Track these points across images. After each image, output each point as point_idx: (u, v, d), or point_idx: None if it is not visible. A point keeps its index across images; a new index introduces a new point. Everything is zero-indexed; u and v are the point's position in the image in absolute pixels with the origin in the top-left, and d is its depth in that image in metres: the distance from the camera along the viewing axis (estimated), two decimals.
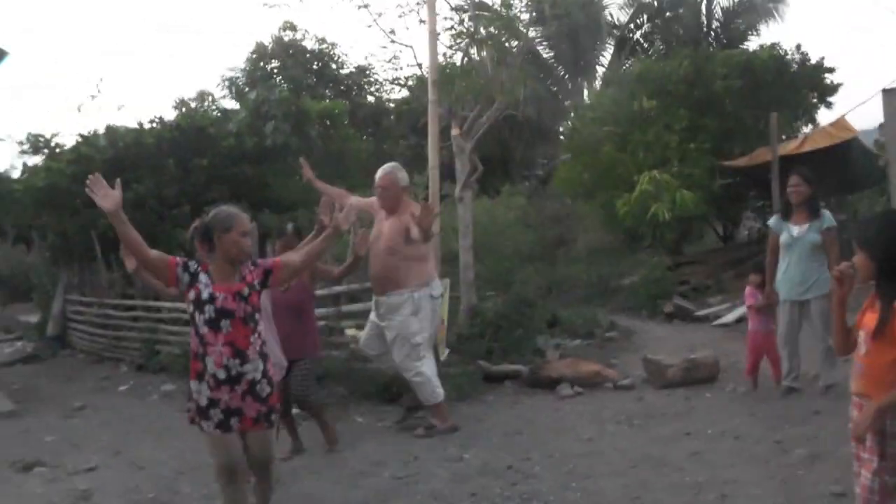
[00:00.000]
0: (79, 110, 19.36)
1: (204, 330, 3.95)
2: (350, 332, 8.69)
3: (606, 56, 23.48)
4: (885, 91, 11.69)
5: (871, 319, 3.09)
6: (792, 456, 5.20)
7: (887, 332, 2.99)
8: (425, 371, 6.53)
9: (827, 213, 6.85)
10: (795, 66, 17.05)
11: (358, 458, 6.07)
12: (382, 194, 6.54)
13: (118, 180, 3.87)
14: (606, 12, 22.86)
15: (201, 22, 66.51)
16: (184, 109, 17.03)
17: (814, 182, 6.77)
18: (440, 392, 6.62)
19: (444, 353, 8.00)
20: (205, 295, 3.95)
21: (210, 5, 63.08)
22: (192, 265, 4.02)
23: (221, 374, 3.94)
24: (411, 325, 6.47)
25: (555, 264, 15.51)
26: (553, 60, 23.14)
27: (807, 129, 17.47)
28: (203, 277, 3.99)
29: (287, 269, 4.25)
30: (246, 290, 4.02)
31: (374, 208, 6.72)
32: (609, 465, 5.41)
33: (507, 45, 10.55)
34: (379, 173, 6.61)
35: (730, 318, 11.20)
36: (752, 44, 20.68)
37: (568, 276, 14.69)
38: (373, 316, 6.78)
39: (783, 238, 6.76)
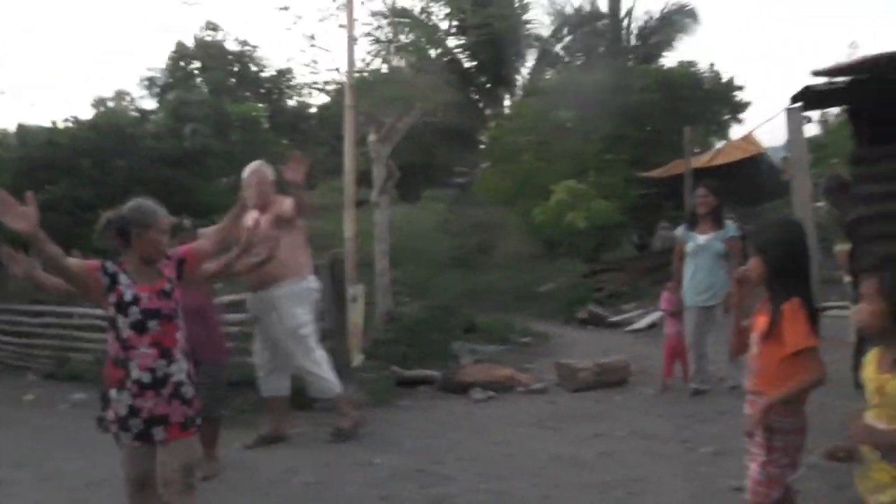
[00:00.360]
0: None
1: (128, 333, 3.70)
2: None
3: (528, 66, 23.83)
4: (788, 110, 12.27)
5: (762, 322, 3.20)
6: (697, 454, 5.37)
7: (775, 333, 3.10)
8: (319, 364, 6.38)
9: (730, 223, 7.17)
10: (708, 83, 17.65)
11: (269, 466, 5.97)
12: (254, 191, 6.19)
13: (29, 193, 3.45)
14: (528, 25, 23.19)
15: (120, 19, 64.94)
16: (101, 108, 16.65)
17: (719, 193, 7.09)
18: (336, 384, 6.46)
19: (360, 359, 7.96)
20: (128, 296, 3.71)
21: (128, 3, 61.67)
22: (110, 266, 3.75)
23: (146, 378, 3.69)
24: (296, 318, 6.24)
25: (475, 271, 15.59)
26: (475, 69, 23.34)
27: (720, 144, 18.07)
28: (123, 278, 3.74)
29: (199, 256, 4.09)
30: (168, 286, 3.83)
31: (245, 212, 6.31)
32: (520, 466, 5.44)
33: (427, 52, 10.60)
34: (247, 172, 6.37)
35: (642, 323, 11.45)
36: (668, 60, 21.30)
37: (488, 282, 14.77)
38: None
39: (689, 246, 7.01)
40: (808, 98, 4.57)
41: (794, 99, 4.60)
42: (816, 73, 4.80)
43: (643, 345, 10.02)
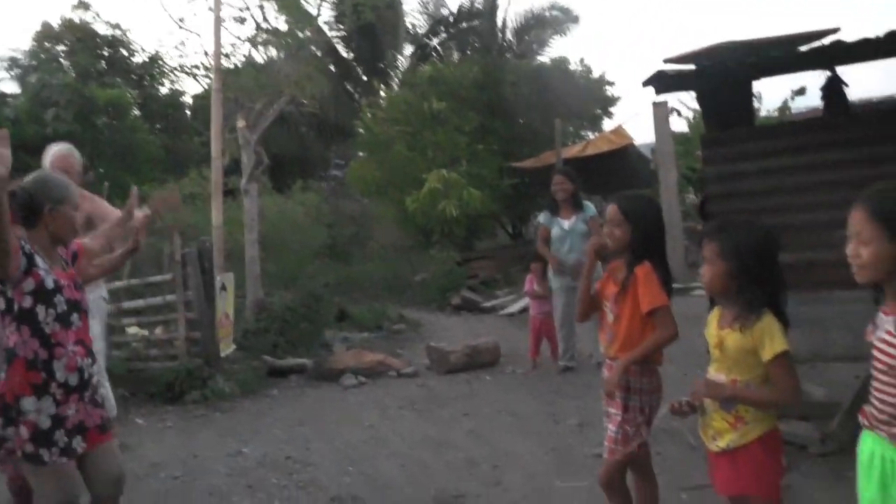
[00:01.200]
0: None
1: (54, 328, 3.10)
2: (132, 330, 8.25)
3: (405, 60, 23.82)
4: (654, 104, 12.86)
5: (613, 287, 3.34)
6: (563, 426, 5.53)
7: (630, 295, 3.22)
8: (107, 384, 5.47)
9: (589, 204, 7.41)
10: (580, 77, 18.16)
11: (136, 462, 5.74)
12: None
13: (5, 131, 2.78)
14: (405, 19, 23.19)
15: None
16: None
17: (576, 180, 7.31)
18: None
19: (230, 349, 7.78)
20: (49, 283, 3.12)
21: None
22: (26, 245, 3.08)
23: (74, 380, 3.14)
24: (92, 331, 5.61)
25: (349, 261, 15.48)
26: (353, 61, 23.18)
27: (592, 136, 18.62)
28: (40, 261, 3.13)
29: (89, 254, 3.66)
30: (77, 277, 3.35)
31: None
32: (389, 448, 5.45)
33: (298, 38, 10.40)
34: (56, 154, 5.20)
35: (514, 308, 11.65)
36: (543, 58, 21.75)
37: (362, 272, 14.69)
38: None
39: (555, 231, 7.22)
40: (661, 82, 4.73)
41: (647, 83, 4.76)
42: (667, 61, 5.02)
43: (515, 328, 10.20)
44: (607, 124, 19.71)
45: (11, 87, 18.29)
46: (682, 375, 5.13)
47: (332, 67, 21.25)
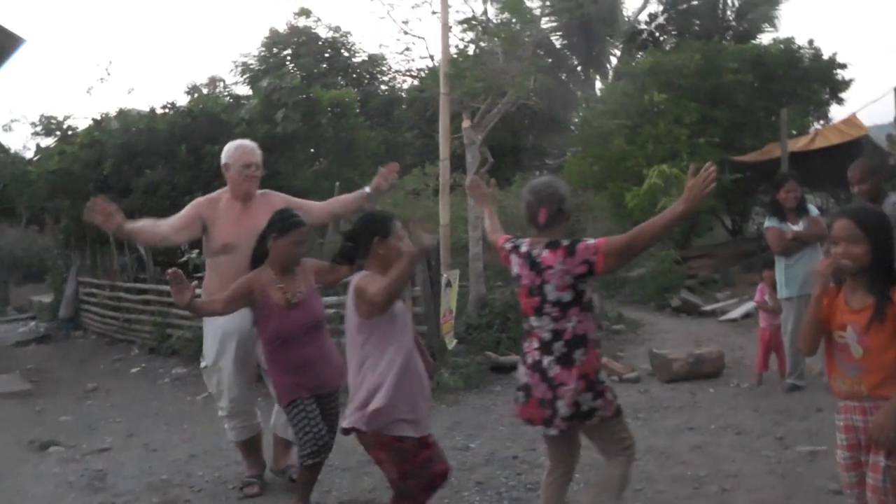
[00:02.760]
0: (88, 92, 19.44)
1: None
2: None
3: (619, 48, 23.46)
4: None
5: (856, 316, 3.02)
6: (793, 452, 5.29)
7: (888, 324, 2.94)
8: None
9: (812, 206, 7.18)
10: (807, 61, 17.05)
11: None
12: (254, 174, 5.06)
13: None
14: (621, 4, 22.83)
15: (216, 4, 66.46)
16: (196, 95, 17.13)
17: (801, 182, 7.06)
18: None
19: (452, 343, 8.08)
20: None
21: None
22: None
23: None
24: None
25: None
26: (566, 51, 23.12)
27: (818, 125, 17.50)
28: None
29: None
30: None
31: (215, 205, 5.11)
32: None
33: (519, 34, 10.54)
34: (244, 150, 5.11)
35: (736, 313, 11.25)
36: (766, 37, 20.64)
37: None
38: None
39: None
40: None
41: None
42: None
43: (737, 335, 9.86)
44: (836, 111, 18.41)
45: (244, 90, 19.87)
46: None
47: (546, 58, 21.33)
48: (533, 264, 3.62)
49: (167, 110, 13.25)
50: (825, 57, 17.47)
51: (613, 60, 23.23)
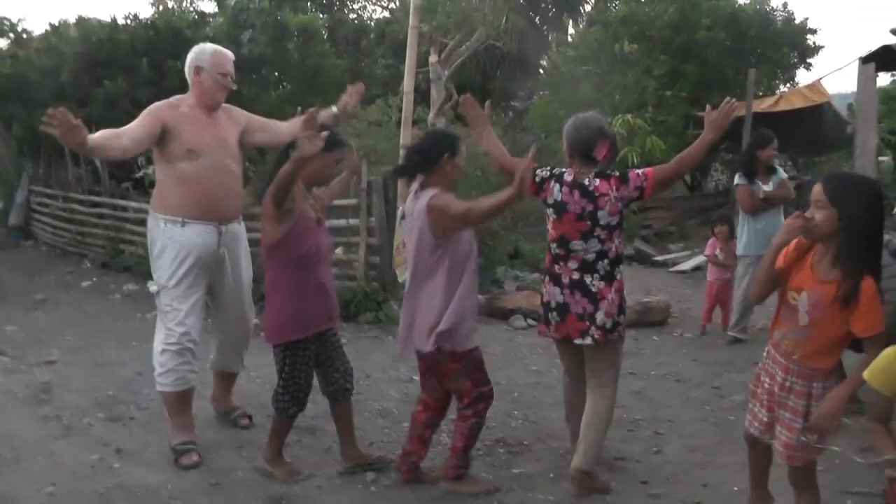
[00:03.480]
0: None
1: None
2: None
3: None
4: (862, 60, 11.94)
5: (816, 286, 2.99)
6: (728, 401, 5.47)
7: (846, 307, 2.91)
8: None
9: (779, 168, 7.19)
10: (780, 23, 17.10)
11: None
12: (228, 85, 4.66)
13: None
14: None
15: None
16: (161, 8, 16.68)
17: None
18: None
19: (404, 276, 8.10)
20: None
21: None
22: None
23: None
24: (250, 266, 4.96)
25: (525, 197, 15.55)
26: None
27: (784, 88, 17.64)
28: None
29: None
30: None
31: (175, 110, 4.60)
32: (553, 396, 5.52)
33: None
34: (224, 57, 4.68)
35: (687, 265, 11.46)
36: None
37: (534, 209, 14.77)
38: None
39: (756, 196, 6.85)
40: (886, 59, 4.47)
41: (868, 59, 4.51)
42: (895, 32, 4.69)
43: (686, 287, 10.09)
44: (803, 76, 18.59)
45: (210, 7, 19.35)
46: None
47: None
48: (584, 192, 3.86)
49: (129, 21, 12.90)
50: (797, 21, 17.56)
51: (587, 7, 22.98)
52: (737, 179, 7.11)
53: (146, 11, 15.91)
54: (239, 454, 4.51)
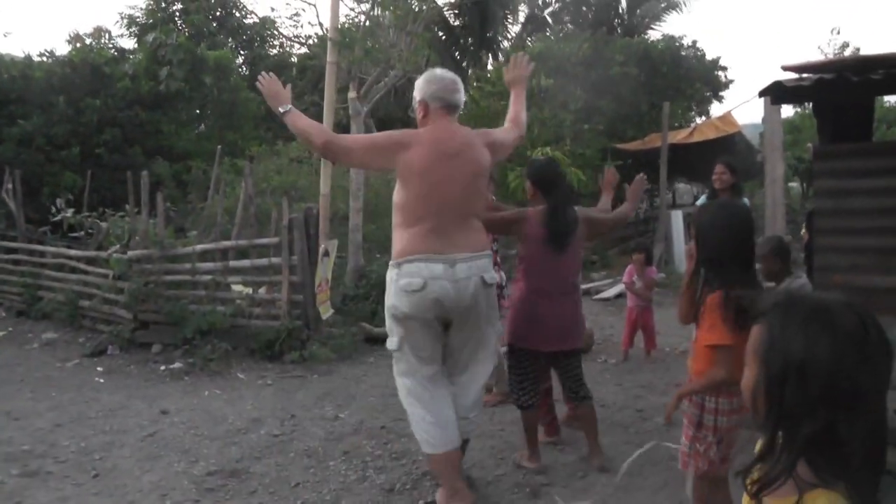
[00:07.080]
0: None
1: None
2: (237, 287, 8.64)
3: (513, 31, 23.75)
4: (759, 93, 12.46)
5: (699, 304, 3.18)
6: (650, 423, 5.59)
7: (700, 319, 3.12)
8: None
9: (745, 198, 7.21)
10: (692, 60, 17.75)
11: (237, 416, 6.12)
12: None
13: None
14: None
15: None
16: (78, 45, 16.38)
17: (737, 171, 6.72)
18: None
19: (329, 313, 8.06)
20: None
21: None
22: None
23: None
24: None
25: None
26: (461, 30, 23.20)
27: (699, 120, 18.26)
28: None
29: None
30: None
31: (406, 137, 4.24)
32: (480, 429, 5.52)
33: (412, 8, 10.48)
34: (453, 79, 4.28)
35: (610, 293, 11.64)
36: (656, 33, 21.36)
37: None
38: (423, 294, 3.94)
39: None
40: (777, 93, 4.67)
41: (763, 93, 4.71)
42: (786, 69, 4.90)
43: (609, 314, 10.23)
44: (716, 109, 19.30)
45: (129, 44, 19.11)
46: None
47: (440, 34, 21.35)
48: None
49: (45, 58, 12.65)
50: (709, 59, 18.30)
51: (506, 43, 23.45)
52: (699, 201, 7.27)
53: (64, 49, 15.60)
54: None
